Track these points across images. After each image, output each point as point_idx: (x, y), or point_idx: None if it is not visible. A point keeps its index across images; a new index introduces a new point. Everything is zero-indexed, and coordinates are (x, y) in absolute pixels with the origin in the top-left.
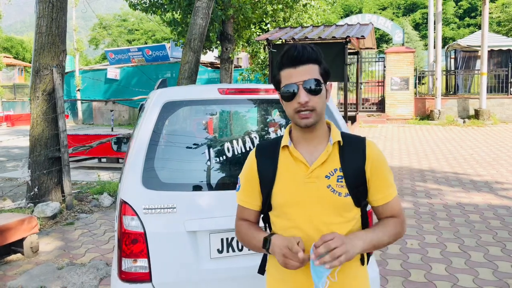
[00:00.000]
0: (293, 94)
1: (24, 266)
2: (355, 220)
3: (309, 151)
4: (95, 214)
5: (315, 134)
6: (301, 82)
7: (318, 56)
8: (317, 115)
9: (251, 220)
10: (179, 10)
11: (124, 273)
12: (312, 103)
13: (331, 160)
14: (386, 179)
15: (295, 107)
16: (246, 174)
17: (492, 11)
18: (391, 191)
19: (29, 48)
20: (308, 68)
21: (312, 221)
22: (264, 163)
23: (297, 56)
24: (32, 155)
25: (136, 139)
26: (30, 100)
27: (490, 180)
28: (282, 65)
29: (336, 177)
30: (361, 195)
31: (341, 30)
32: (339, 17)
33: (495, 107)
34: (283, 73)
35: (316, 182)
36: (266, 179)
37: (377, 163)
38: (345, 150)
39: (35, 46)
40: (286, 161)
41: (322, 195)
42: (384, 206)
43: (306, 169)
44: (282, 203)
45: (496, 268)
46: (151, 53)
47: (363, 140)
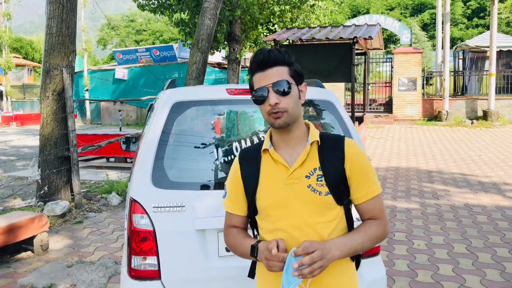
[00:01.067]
0: (264, 97)
1: (34, 264)
2: (338, 219)
3: (288, 153)
4: (104, 213)
5: (293, 135)
6: (270, 85)
7: (286, 58)
8: (289, 115)
9: (239, 226)
10: (187, 11)
11: (133, 271)
12: (283, 104)
13: (310, 160)
14: (367, 177)
15: (267, 109)
16: (231, 180)
17: (501, 12)
18: (372, 188)
19: (38, 48)
20: (276, 70)
21: (296, 222)
22: (247, 168)
23: (263, 59)
24: (42, 154)
25: (146, 138)
26: (40, 100)
27: (498, 182)
28: (252, 70)
29: (316, 176)
30: (342, 194)
31: (348, 31)
32: (346, 17)
33: (504, 108)
34: (254, 78)
35: (297, 182)
36: (250, 183)
37: (357, 161)
38: (324, 149)
39: (45, 47)
40: (267, 164)
41: (303, 195)
42: (366, 203)
43: (287, 171)
44: (266, 206)
45: (503, 269)
46: (158, 54)
47: (342, 139)
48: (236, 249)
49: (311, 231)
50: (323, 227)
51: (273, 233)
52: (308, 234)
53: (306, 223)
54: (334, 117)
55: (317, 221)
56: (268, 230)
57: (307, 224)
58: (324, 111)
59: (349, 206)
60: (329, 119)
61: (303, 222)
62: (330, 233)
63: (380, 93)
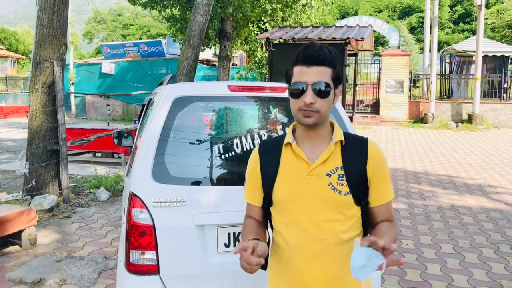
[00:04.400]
0: (300, 92)
1: (22, 258)
2: (355, 218)
3: (311, 149)
4: (92, 208)
5: (318, 133)
6: (310, 82)
7: (333, 60)
8: (321, 117)
9: (255, 217)
10: (178, 6)
11: (132, 265)
12: (318, 105)
13: (333, 158)
14: (386, 180)
15: (300, 105)
16: (249, 170)
17: (487, 17)
18: (390, 192)
19: (22, 40)
20: (321, 70)
21: (312, 217)
22: (267, 159)
23: (313, 55)
24: (30, 147)
25: (147, 133)
26: (29, 92)
27: (483, 184)
28: (296, 61)
29: (337, 175)
30: (361, 194)
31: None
32: (335, 18)
33: (488, 112)
34: (295, 69)
35: (317, 179)
36: (268, 175)
37: (379, 164)
38: (347, 149)
39: (36, 38)
40: (288, 158)
41: (322, 192)
42: (382, 206)
43: (308, 167)
44: (283, 199)
45: (489, 269)
46: (146, 49)
47: (366, 140)
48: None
49: (327, 228)
50: (339, 225)
51: (288, 227)
52: (324, 231)
53: (323, 219)
54: (332, 116)
55: (334, 218)
56: (283, 223)
57: (324, 220)
58: None
59: (366, 207)
60: None
61: (320, 219)
62: (345, 231)
63: (368, 94)
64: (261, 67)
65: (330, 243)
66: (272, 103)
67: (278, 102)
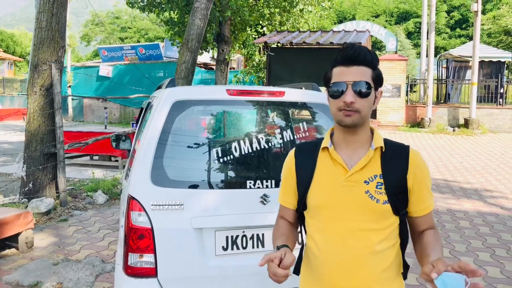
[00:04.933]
0: (340, 93)
1: (19, 261)
2: (391, 228)
3: (349, 155)
4: (89, 211)
5: (357, 137)
6: (350, 82)
7: (373, 60)
8: (361, 118)
9: (288, 219)
10: (176, 10)
11: (130, 268)
12: (358, 105)
13: (372, 165)
14: (428, 190)
15: (339, 105)
16: (285, 173)
17: (484, 23)
18: (431, 202)
19: (20, 42)
20: (361, 69)
21: (347, 225)
22: (303, 162)
23: (353, 55)
24: (27, 150)
25: (145, 136)
26: (27, 95)
27: (480, 188)
28: (336, 62)
29: (376, 183)
30: (400, 204)
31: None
32: (332, 23)
33: (484, 116)
34: (335, 70)
35: (354, 186)
36: (303, 178)
37: (420, 173)
38: (387, 156)
39: (34, 41)
40: (324, 162)
41: (359, 200)
42: (423, 217)
43: (345, 173)
44: (317, 204)
45: (485, 273)
46: (144, 52)
47: (407, 148)
48: (273, 242)
49: (362, 236)
50: (375, 234)
51: (322, 233)
52: (358, 239)
53: (359, 228)
54: (330, 120)
55: (371, 227)
56: (317, 229)
57: (359, 229)
58: (320, 114)
59: (405, 217)
60: (324, 122)
61: (355, 227)
62: (380, 241)
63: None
64: (258, 71)
65: (364, 253)
66: (270, 107)
67: (276, 106)
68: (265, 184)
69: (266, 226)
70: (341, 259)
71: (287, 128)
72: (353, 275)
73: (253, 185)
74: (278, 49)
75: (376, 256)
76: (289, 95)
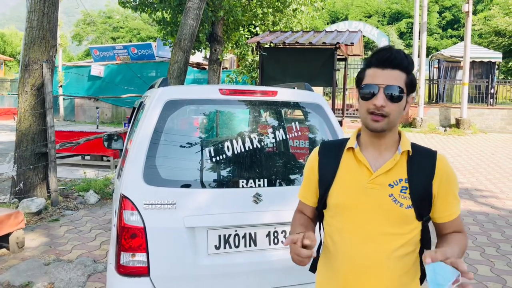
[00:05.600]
0: (372, 95)
1: (10, 261)
2: (413, 234)
3: (374, 157)
4: (81, 211)
5: (384, 140)
6: (383, 85)
7: (408, 65)
8: (389, 123)
9: (307, 214)
10: (169, 10)
11: (122, 267)
12: (388, 109)
13: (397, 169)
14: (454, 197)
15: (369, 107)
16: (307, 170)
17: (475, 24)
18: (457, 208)
19: (10, 41)
20: (395, 73)
21: (367, 228)
22: (326, 161)
23: (389, 58)
24: (18, 150)
25: (138, 136)
26: (18, 95)
27: (470, 188)
28: (370, 63)
29: (400, 187)
30: (424, 209)
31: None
32: (325, 23)
33: (475, 116)
34: (368, 72)
35: (378, 188)
36: (326, 177)
37: (447, 180)
38: (414, 161)
39: (25, 40)
40: (349, 163)
41: (382, 203)
42: (449, 223)
43: (369, 174)
44: (339, 204)
45: (475, 271)
46: (136, 52)
47: (434, 154)
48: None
49: (381, 240)
50: (396, 239)
51: (340, 233)
52: (377, 243)
53: (379, 231)
54: (322, 120)
55: (392, 232)
56: (336, 229)
57: (380, 233)
58: (312, 113)
59: (427, 222)
60: (317, 122)
61: (375, 230)
62: (401, 245)
63: (357, 98)
64: (251, 70)
65: (382, 257)
66: (263, 107)
67: (268, 105)
68: (258, 183)
69: (258, 225)
70: (358, 262)
71: (279, 128)
72: (370, 278)
73: (245, 184)
74: (271, 49)
75: (394, 261)
76: (282, 95)
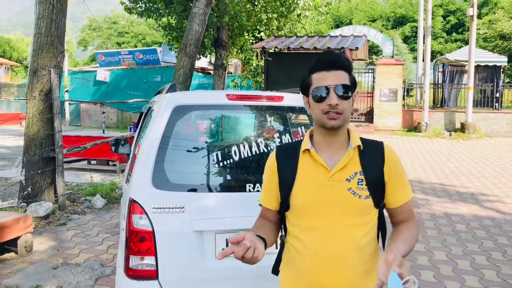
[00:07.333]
0: (324, 96)
1: (19, 265)
2: (372, 222)
3: (329, 156)
4: (88, 215)
5: (337, 139)
6: (332, 86)
7: (349, 65)
8: (344, 119)
9: (269, 219)
10: (174, 15)
11: (131, 270)
12: (341, 107)
13: (352, 163)
14: (403, 182)
15: (324, 108)
16: (267, 175)
17: (479, 27)
18: (407, 193)
19: (17, 47)
20: (341, 74)
21: (331, 222)
22: (285, 164)
23: (332, 60)
24: (26, 154)
25: (147, 140)
26: (26, 100)
27: (476, 192)
28: (315, 68)
29: (357, 180)
30: (379, 197)
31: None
32: (329, 27)
33: (481, 121)
34: (314, 76)
35: (337, 184)
36: (286, 179)
37: (395, 166)
38: (365, 154)
39: (33, 46)
40: (306, 164)
41: (342, 197)
42: (402, 207)
43: (327, 172)
44: (302, 204)
45: (482, 276)
46: (142, 57)
47: (382, 144)
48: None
49: (346, 233)
50: (358, 230)
51: (306, 231)
52: (343, 236)
53: (343, 224)
54: None
55: (354, 223)
56: (302, 228)
57: (344, 226)
58: None
59: (383, 209)
60: None
61: (340, 224)
62: (363, 236)
63: (362, 103)
64: (256, 75)
65: (349, 248)
66: (269, 112)
67: (274, 110)
68: None
69: None
70: (326, 256)
71: (285, 132)
72: (337, 270)
73: (252, 188)
74: (276, 54)
75: (359, 251)
76: (288, 100)
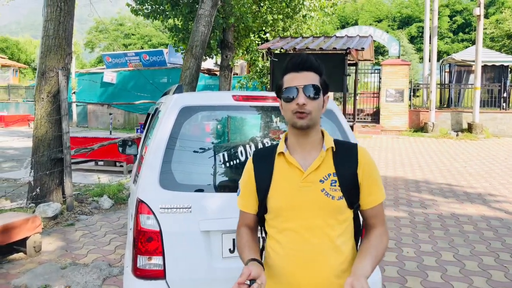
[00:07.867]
0: (293, 97)
1: (27, 265)
2: (347, 222)
3: (303, 157)
4: (95, 216)
5: (310, 140)
6: (301, 86)
7: (319, 67)
8: (312, 119)
9: (250, 225)
10: (180, 17)
11: (139, 270)
12: (309, 107)
13: (325, 165)
14: (376, 184)
15: (293, 108)
16: (244, 179)
17: (486, 27)
18: (380, 194)
19: (25, 49)
20: (310, 75)
21: (306, 223)
22: (261, 168)
23: (301, 62)
24: (35, 155)
25: (154, 141)
26: (35, 102)
27: (483, 192)
28: (286, 70)
29: (330, 181)
30: (353, 198)
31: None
32: (335, 28)
33: (488, 121)
34: (286, 77)
35: (310, 186)
36: (263, 183)
37: (368, 167)
38: (338, 155)
39: (41, 48)
40: (281, 166)
41: (316, 198)
42: (373, 209)
43: (301, 174)
44: (278, 207)
45: (489, 277)
46: (148, 58)
47: (355, 146)
48: (240, 253)
49: (321, 233)
50: (333, 230)
51: (282, 232)
52: (318, 236)
53: (318, 225)
54: (334, 125)
55: (328, 223)
56: (279, 229)
57: (319, 226)
58: (324, 119)
59: (358, 210)
60: (329, 127)
61: (314, 224)
62: (339, 235)
63: (368, 103)
64: (262, 76)
65: (324, 248)
66: (275, 112)
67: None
68: None
69: None
70: (302, 256)
71: None
72: (314, 270)
73: None
74: (282, 55)
75: (335, 250)
76: None
